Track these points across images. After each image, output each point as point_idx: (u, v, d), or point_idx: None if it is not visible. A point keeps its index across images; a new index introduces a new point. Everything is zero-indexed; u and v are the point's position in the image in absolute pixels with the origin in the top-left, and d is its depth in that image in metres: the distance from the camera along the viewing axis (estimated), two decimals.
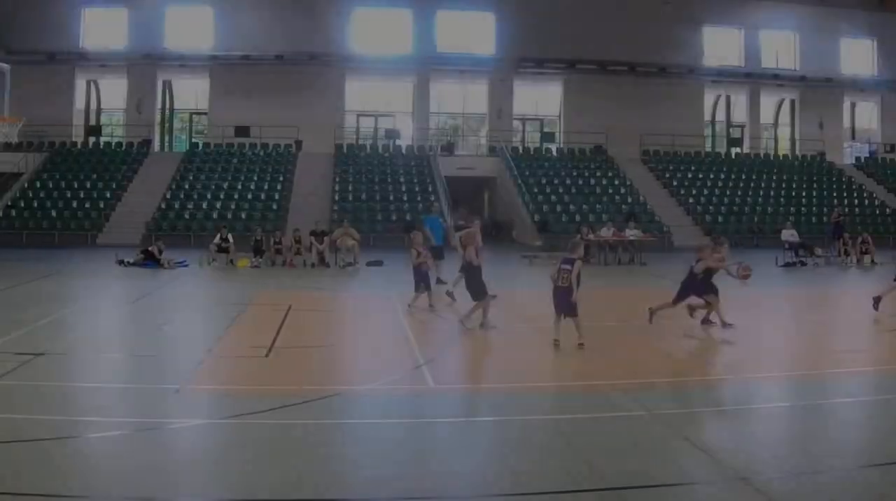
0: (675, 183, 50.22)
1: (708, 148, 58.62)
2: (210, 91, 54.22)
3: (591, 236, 32.85)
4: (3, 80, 24.95)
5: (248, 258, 29.96)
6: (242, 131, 51.14)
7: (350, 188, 46.87)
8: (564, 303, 13.68)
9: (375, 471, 7.76)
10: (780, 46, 59.27)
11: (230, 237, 30.49)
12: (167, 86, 56.33)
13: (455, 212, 29.39)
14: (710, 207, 47.60)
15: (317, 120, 51.50)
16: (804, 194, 50.32)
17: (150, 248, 29.67)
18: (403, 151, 53.53)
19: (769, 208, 47.97)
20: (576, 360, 12.79)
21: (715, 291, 15.52)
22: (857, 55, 60.20)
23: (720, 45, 58.59)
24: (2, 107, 24.82)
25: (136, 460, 8.03)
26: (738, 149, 58.42)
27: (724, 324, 15.15)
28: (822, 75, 58.06)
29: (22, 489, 7.01)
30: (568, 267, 13.78)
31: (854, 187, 52.18)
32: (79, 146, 51.55)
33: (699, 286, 15.37)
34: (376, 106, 57.98)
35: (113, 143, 52.98)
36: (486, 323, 15.55)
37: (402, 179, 48.26)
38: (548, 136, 57.07)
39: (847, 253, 33.46)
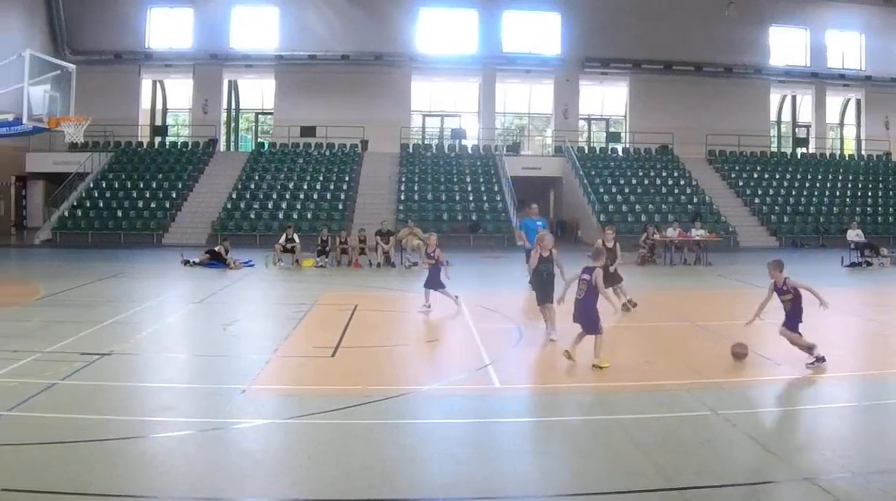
0: (740, 183, 49.66)
1: (773, 148, 58.19)
2: (276, 91, 54.69)
3: (657, 236, 32.87)
4: (68, 80, 24.98)
5: (314, 258, 30.07)
6: (308, 131, 51.54)
7: (416, 188, 47.03)
8: (581, 318, 12.44)
9: (441, 471, 7.75)
10: (846, 46, 58.53)
11: (296, 237, 30.70)
12: (233, 86, 57.04)
13: (520, 211, 29.25)
14: (776, 207, 47.00)
15: (383, 120, 51.78)
16: (870, 194, 49.71)
17: (216, 248, 29.85)
18: (469, 151, 53.66)
19: (835, 208, 47.44)
20: (640, 360, 12.65)
21: None
22: None
23: (786, 45, 57.85)
24: (67, 106, 24.87)
25: (203, 459, 8.11)
26: (804, 150, 58.05)
27: None
28: (888, 75, 57.35)
29: (89, 489, 7.10)
30: (587, 277, 12.38)
31: None
32: (144, 146, 52.41)
33: None
34: (442, 106, 58.34)
35: (178, 143, 53.87)
36: (547, 330, 14.91)
37: (467, 179, 48.34)
38: (613, 136, 57.14)
39: None
